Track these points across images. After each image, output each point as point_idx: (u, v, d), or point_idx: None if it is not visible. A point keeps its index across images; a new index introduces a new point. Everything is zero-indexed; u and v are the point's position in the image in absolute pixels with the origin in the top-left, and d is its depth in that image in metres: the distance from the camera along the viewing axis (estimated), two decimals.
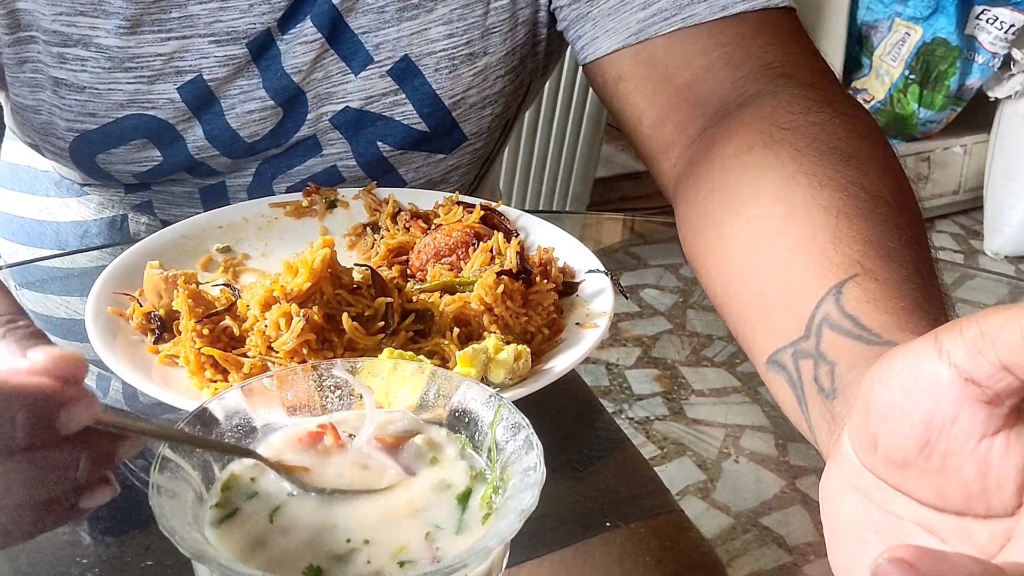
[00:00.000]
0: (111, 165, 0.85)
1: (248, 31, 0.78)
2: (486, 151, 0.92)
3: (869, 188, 0.61)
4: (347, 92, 0.83)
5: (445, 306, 0.66)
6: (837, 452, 0.43)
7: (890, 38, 2.89)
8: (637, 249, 1.49)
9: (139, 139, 0.83)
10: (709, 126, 0.72)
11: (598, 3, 0.78)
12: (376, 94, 0.83)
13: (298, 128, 0.85)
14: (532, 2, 0.83)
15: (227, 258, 0.79)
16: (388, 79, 0.83)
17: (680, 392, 1.37)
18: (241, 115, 0.82)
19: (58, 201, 0.95)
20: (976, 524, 0.39)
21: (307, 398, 0.47)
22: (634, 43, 0.76)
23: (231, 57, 0.79)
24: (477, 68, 0.83)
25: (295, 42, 0.80)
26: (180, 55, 0.79)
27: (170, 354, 0.65)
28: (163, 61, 0.79)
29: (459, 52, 0.82)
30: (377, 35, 0.81)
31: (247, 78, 0.81)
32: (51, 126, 0.82)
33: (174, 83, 0.80)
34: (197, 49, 0.79)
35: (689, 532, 0.73)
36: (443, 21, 0.81)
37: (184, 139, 0.83)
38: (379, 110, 0.84)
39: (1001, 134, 2.83)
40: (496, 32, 0.83)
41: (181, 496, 0.41)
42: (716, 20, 0.74)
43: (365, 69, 0.82)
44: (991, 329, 0.35)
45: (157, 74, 0.79)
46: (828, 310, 0.52)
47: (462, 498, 0.43)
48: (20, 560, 0.61)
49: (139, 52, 0.78)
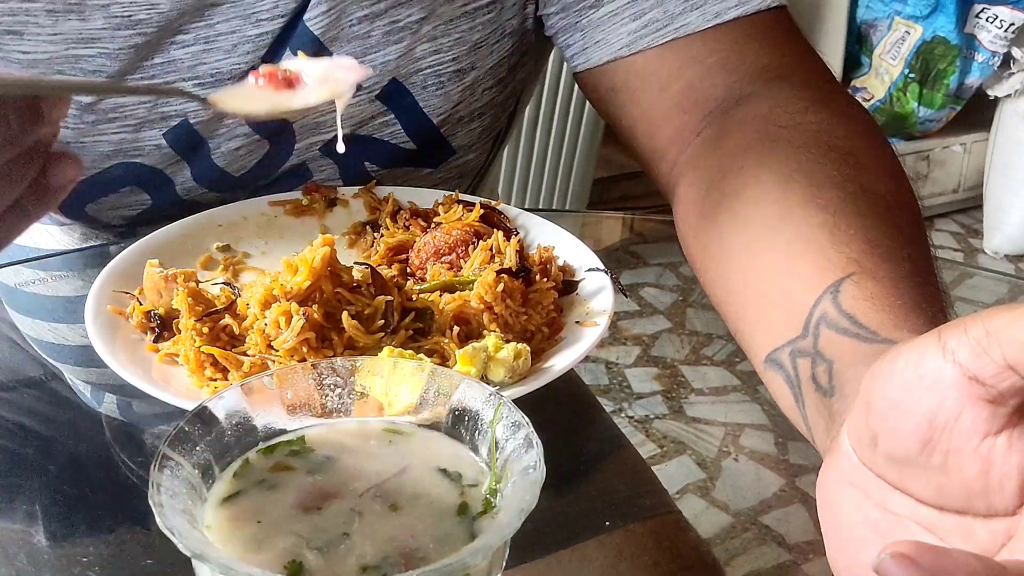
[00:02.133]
0: (101, 212, 0.84)
1: (232, 71, 0.77)
2: (477, 163, 0.91)
3: (867, 187, 0.61)
4: (335, 120, 0.82)
5: (445, 305, 0.66)
6: (835, 450, 0.43)
7: (890, 36, 2.89)
8: (637, 248, 1.49)
9: (128, 186, 0.81)
10: (705, 129, 0.72)
11: (587, 13, 0.76)
12: (365, 118, 0.82)
13: (286, 159, 0.84)
14: (519, 12, 0.81)
15: (227, 256, 0.79)
16: (377, 103, 0.81)
17: (680, 391, 1.37)
18: (227, 153, 0.81)
19: (40, 228, 0.93)
20: (977, 523, 0.39)
21: (307, 397, 0.47)
22: (627, 55, 0.74)
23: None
24: (466, 83, 0.82)
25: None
26: (165, 100, 0.77)
27: (170, 352, 0.65)
28: (147, 108, 0.77)
29: (446, 69, 0.81)
30: (364, 61, 0.79)
31: (231, 115, 0.79)
32: None
33: (160, 129, 0.78)
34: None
35: (687, 532, 0.73)
36: (428, 39, 0.79)
37: (173, 181, 0.82)
38: (367, 132, 0.83)
39: (1001, 133, 2.82)
40: (483, 46, 0.81)
41: (181, 494, 0.41)
42: (709, 28, 0.72)
43: (353, 96, 0.81)
44: (997, 328, 0.35)
45: (142, 122, 0.78)
46: (826, 308, 0.52)
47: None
48: (20, 559, 0.61)
49: (122, 101, 0.77)
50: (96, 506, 0.66)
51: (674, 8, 0.73)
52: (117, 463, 0.71)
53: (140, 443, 0.73)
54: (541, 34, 0.84)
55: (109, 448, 0.72)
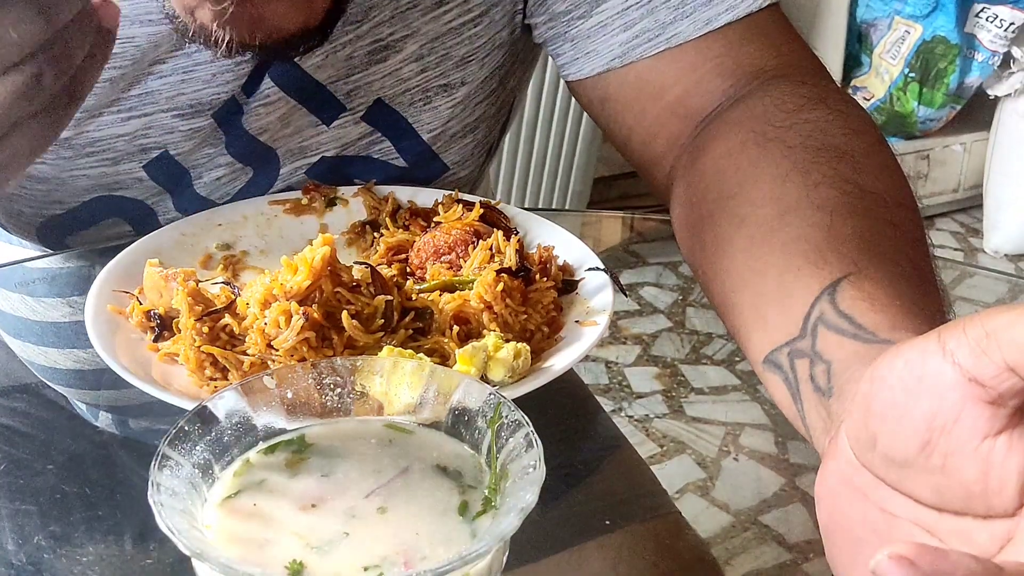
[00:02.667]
0: (82, 243, 0.82)
1: (212, 101, 0.75)
2: (470, 178, 0.90)
3: (864, 185, 0.60)
4: (320, 144, 0.80)
5: (445, 304, 0.66)
6: (834, 450, 0.43)
7: (890, 36, 2.89)
8: (637, 247, 1.49)
9: (109, 218, 0.80)
10: (700, 132, 0.71)
11: (576, 24, 0.75)
12: (351, 140, 0.81)
13: (271, 184, 0.82)
14: (508, 23, 0.80)
15: (226, 256, 0.79)
16: (363, 124, 0.80)
17: (679, 390, 1.37)
18: (209, 183, 0.80)
19: (23, 252, 0.90)
20: (976, 524, 0.39)
21: (307, 396, 0.47)
22: (619, 66, 0.74)
23: (196, 130, 0.76)
24: (456, 99, 0.81)
25: (257, 104, 0.76)
26: (144, 132, 0.75)
27: (170, 352, 0.65)
28: (126, 141, 0.76)
29: (433, 84, 0.79)
30: (347, 83, 0.78)
31: (213, 145, 0.78)
32: (16, 212, 0.79)
33: (139, 161, 0.77)
34: (160, 125, 0.75)
35: (687, 533, 0.73)
36: (414, 58, 0.78)
37: (155, 212, 0.81)
38: (355, 152, 0.82)
39: (1001, 132, 2.82)
40: (472, 60, 0.80)
41: (181, 494, 0.41)
42: (701, 36, 0.71)
43: (337, 119, 0.79)
44: (997, 329, 0.35)
45: (121, 155, 0.76)
46: (823, 309, 0.52)
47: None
48: (20, 558, 0.61)
49: (99, 135, 0.75)
50: (96, 506, 0.65)
51: (665, 17, 0.72)
52: (117, 462, 0.71)
53: (140, 442, 0.73)
54: (530, 40, 0.83)
55: (108, 447, 0.72)
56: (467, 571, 0.39)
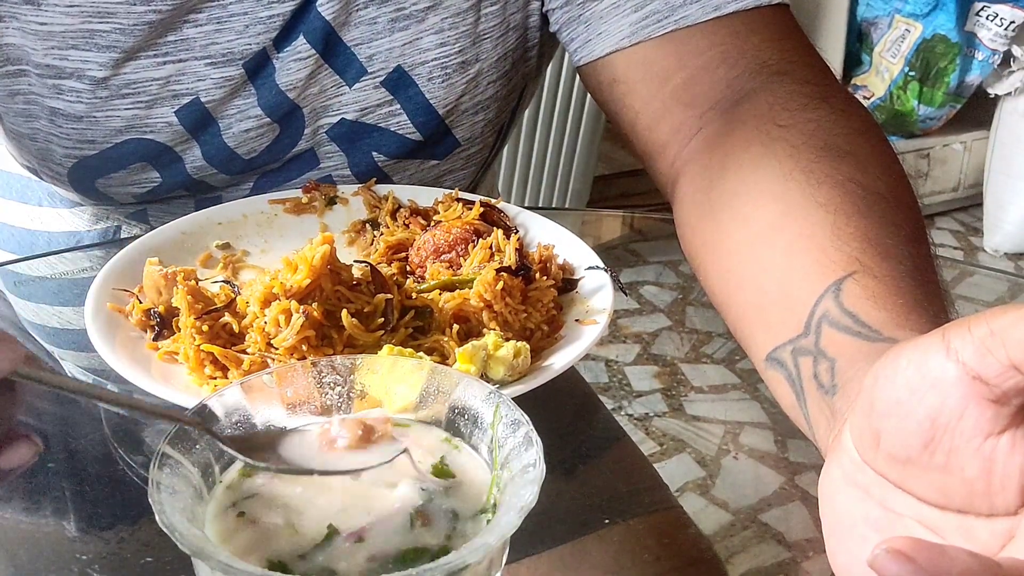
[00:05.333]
0: (110, 188, 0.84)
1: (244, 52, 0.78)
2: (481, 156, 0.92)
3: (867, 184, 0.61)
4: (342, 104, 0.83)
5: (444, 303, 0.66)
6: (837, 448, 0.43)
7: (890, 34, 2.89)
8: (637, 246, 1.49)
9: (138, 162, 0.82)
10: (705, 125, 0.72)
11: (590, 6, 0.77)
12: (371, 105, 0.83)
13: (295, 143, 0.85)
14: (523, 7, 0.83)
15: (226, 255, 0.79)
16: (382, 90, 0.82)
17: (679, 389, 1.37)
18: (238, 134, 0.82)
19: (51, 211, 0.94)
20: (978, 522, 0.39)
21: (307, 395, 0.47)
22: (627, 46, 0.75)
23: (228, 78, 0.79)
24: (470, 75, 0.83)
25: (289, 59, 0.80)
26: (176, 78, 0.78)
27: (170, 351, 0.65)
28: (160, 85, 0.78)
29: (451, 61, 0.82)
30: (370, 46, 0.80)
31: (243, 97, 0.80)
32: (48, 153, 0.81)
33: (171, 107, 0.79)
34: (193, 72, 0.78)
35: (688, 528, 0.73)
36: (434, 30, 0.81)
37: (183, 159, 0.83)
38: (374, 121, 0.84)
39: (1001, 131, 2.83)
40: (487, 38, 0.82)
41: (181, 493, 0.41)
42: (709, 20, 0.73)
43: (359, 81, 0.82)
44: (1001, 328, 0.35)
45: (154, 98, 0.79)
46: (827, 307, 0.52)
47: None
48: (20, 557, 0.61)
49: (135, 78, 0.78)
50: (96, 504, 0.65)
51: (675, 0, 0.73)
52: (117, 461, 0.71)
53: (140, 441, 0.73)
54: (547, 32, 0.85)
55: (108, 445, 0.72)
56: (467, 570, 0.39)
